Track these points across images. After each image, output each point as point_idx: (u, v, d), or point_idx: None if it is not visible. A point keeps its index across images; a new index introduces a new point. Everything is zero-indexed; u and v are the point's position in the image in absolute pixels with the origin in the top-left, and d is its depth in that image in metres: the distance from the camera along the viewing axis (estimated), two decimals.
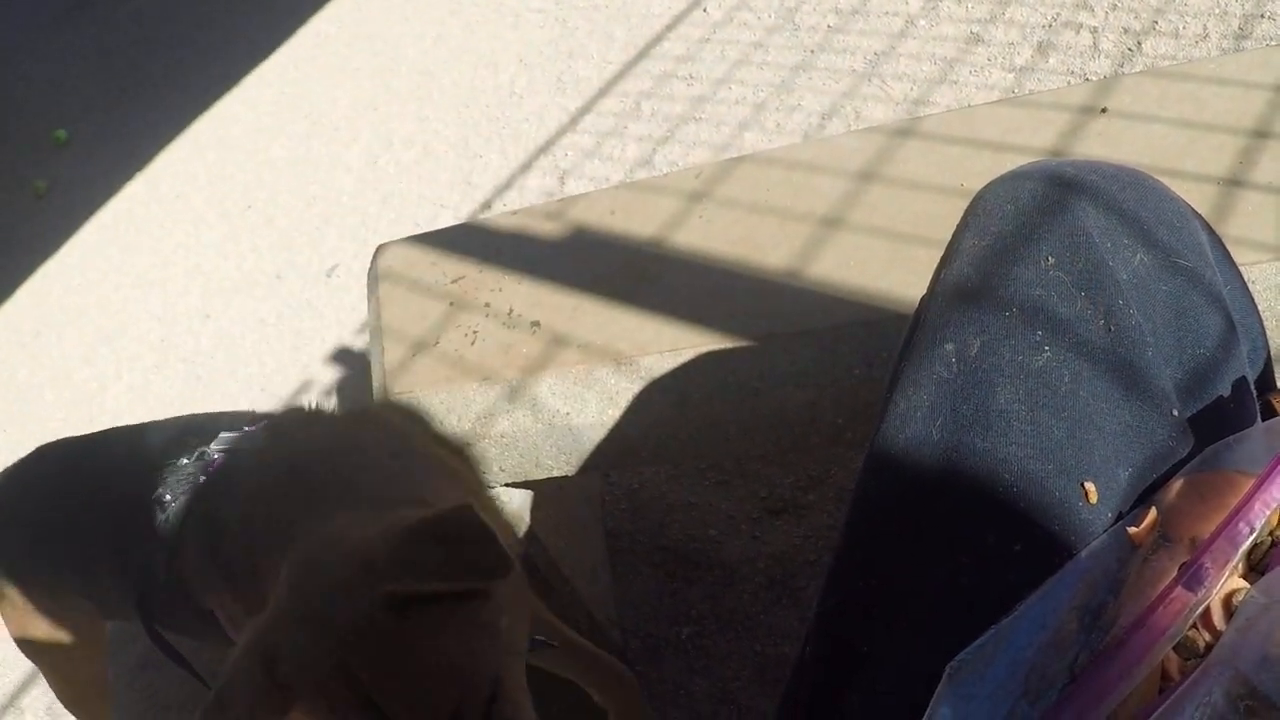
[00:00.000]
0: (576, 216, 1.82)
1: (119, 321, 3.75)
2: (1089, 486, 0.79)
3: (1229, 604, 0.70)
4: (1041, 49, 2.87)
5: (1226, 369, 0.87)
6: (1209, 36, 2.67)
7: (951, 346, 0.85)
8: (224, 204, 4.02)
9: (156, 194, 4.24)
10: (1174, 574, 0.71)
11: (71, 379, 3.62)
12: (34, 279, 4.14)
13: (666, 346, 1.54)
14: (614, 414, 1.57)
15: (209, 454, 1.49)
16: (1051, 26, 2.92)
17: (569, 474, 1.68)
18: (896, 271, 1.48)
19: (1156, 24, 2.77)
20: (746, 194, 1.71)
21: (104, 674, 2.02)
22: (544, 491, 1.88)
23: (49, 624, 1.81)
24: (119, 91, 4.93)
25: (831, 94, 3.09)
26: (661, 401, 1.54)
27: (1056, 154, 1.51)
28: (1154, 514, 0.76)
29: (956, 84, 2.92)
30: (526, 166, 3.46)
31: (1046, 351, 0.82)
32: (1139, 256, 0.86)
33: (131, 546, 1.53)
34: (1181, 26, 2.73)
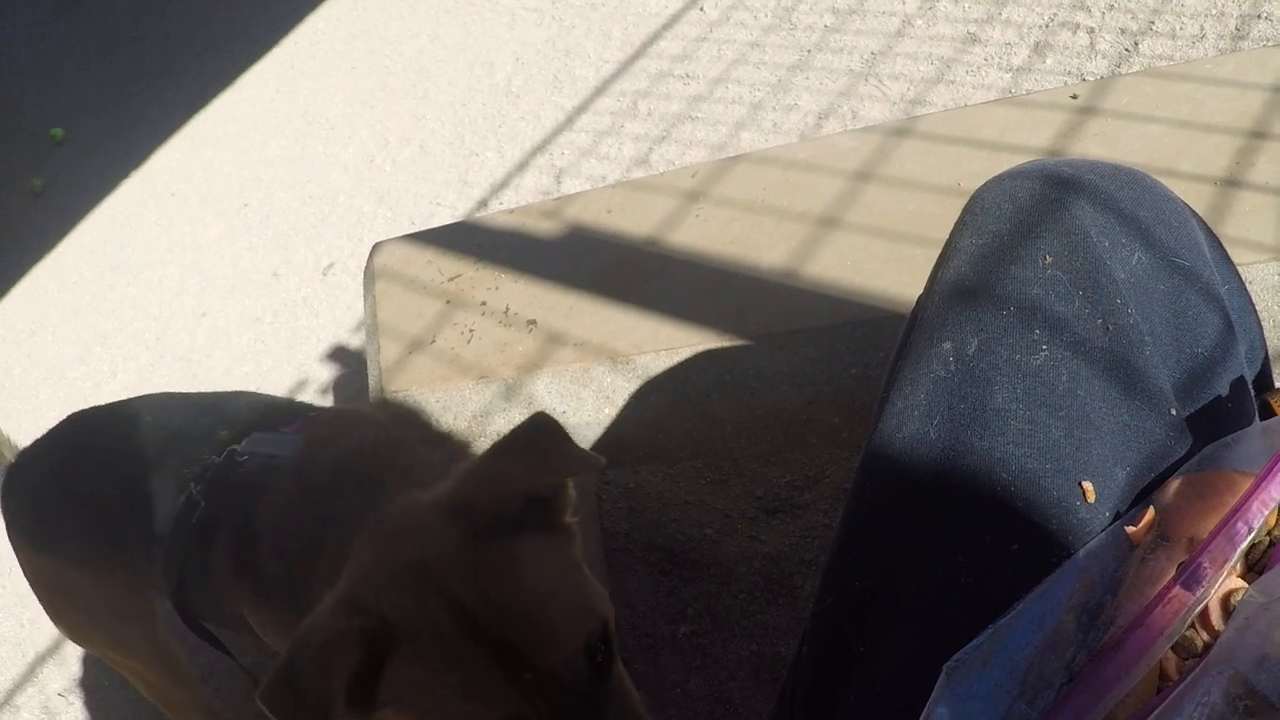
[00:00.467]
0: (573, 215, 1.82)
1: (115, 319, 3.74)
2: (1087, 485, 0.79)
3: (1227, 604, 0.70)
4: (1038, 49, 2.87)
5: (1224, 368, 0.87)
6: (1206, 37, 2.67)
7: (949, 345, 0.85)
8: (220, 202, 4.01)
9: (153, 192, 4.24)
10: (1172, 573, 0.71)
11: (67, 377, 3.61)
12: (30, 277, 4.14)
13: (663, 345, 1.54)
14: (610, 412, 1.57)
15: (239, 454, 1.46)
16: (1048, 27, 2.92)
17: None
18: (893, 271, 1.48)
19: (1153, 24, 2.77)
20: (743, 193, 1.71)
21: (167, 648, 1.93)
22: None
23: (88, 600, 1.78)
24: (115, 90, 4.92)
25: (828, 94, 3.09)
26: (658, 400, 1.54)
27: (1053, 154, 1.51)
28: (1152, 513, 0.76)
29: (953, 84, 2.91)
30: (523, 165, 3.46)
31: (1044, 350, 0.82)
32: (1137, 256, 0.86)
33: (161, 531, 1.52)
34: (1178, 27, 2.73)
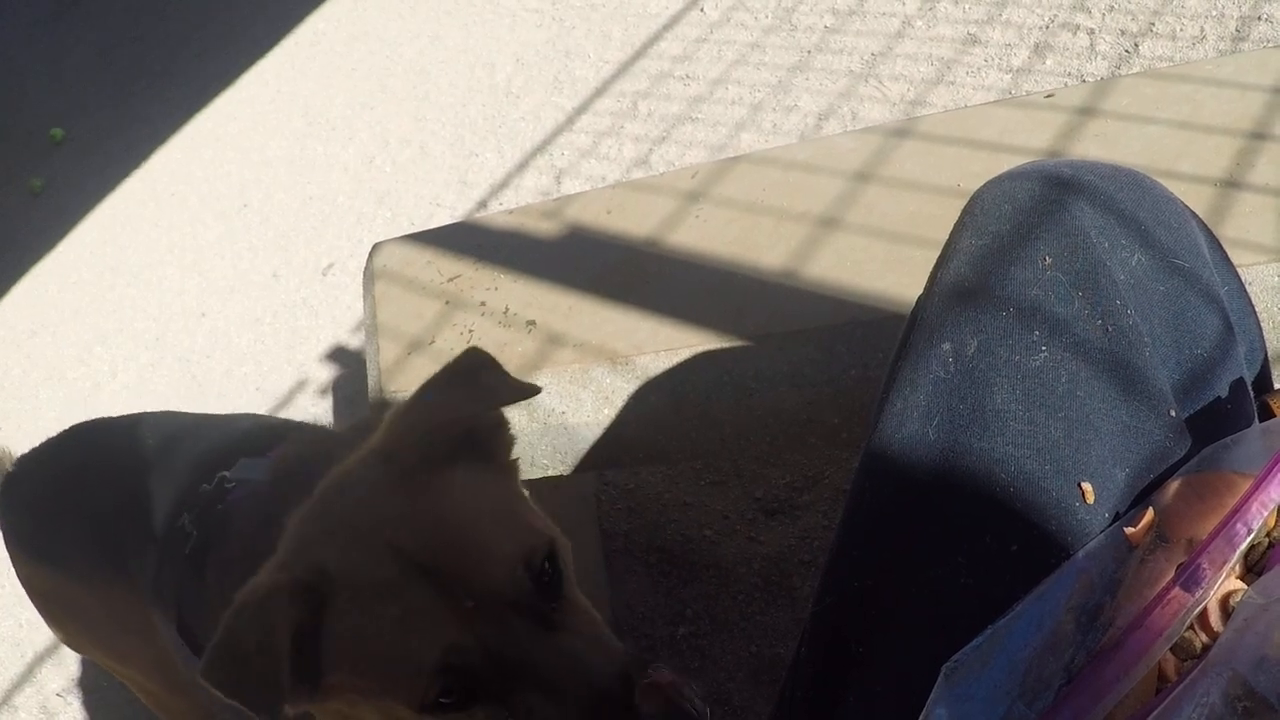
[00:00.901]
0: (573, 216, 1.82)
1: (115, 320, 3.74)
2: (1086, 486, 0.79)
3: (1226, 605, 0.70)
4: (1038, 50, 2.87)
5: (1224, 369, 0.87)
6: (1206, 38, 2.67)
7: (949, 346, 0.85)
8: (220, 203, 4.01)
9: (153, 192, 4.24)
10: (1171, 575, 0.71)
11: (67, 377, 3.61)
12: (30, 277, 4.14)
13: (662, 346, 1.54)
14: (609, 413, 1.56)
15: (228, 481, 1.46)
16: (1048, 28, 2.92)
17: (564, 473, 1.67)
18: (893, 272, 1.48)
19: (1153, 26, 2.77)
20: (743, 194, 1.71)
21: (166, 656, 1.92)
22: (539, 491, 1.87)
23: (86, 611, 1.78)
24: (115, 90, 4.92)
25: (828, 94, 3.09)
26: (657, 401, 1.54)
27: (1053, 155, 1.51)
28: (1151, 514, 0.76)
29: (953, 85, 2.92)
30: (523, 166, 3.46)
31: (1044, 351, 0.82)
32: (1137, 257, 0.86)
33: (158, 558, 1.51)
34: (1178, 28, 2.73)
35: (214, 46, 4.90)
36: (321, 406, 3.04)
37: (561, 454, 1.64)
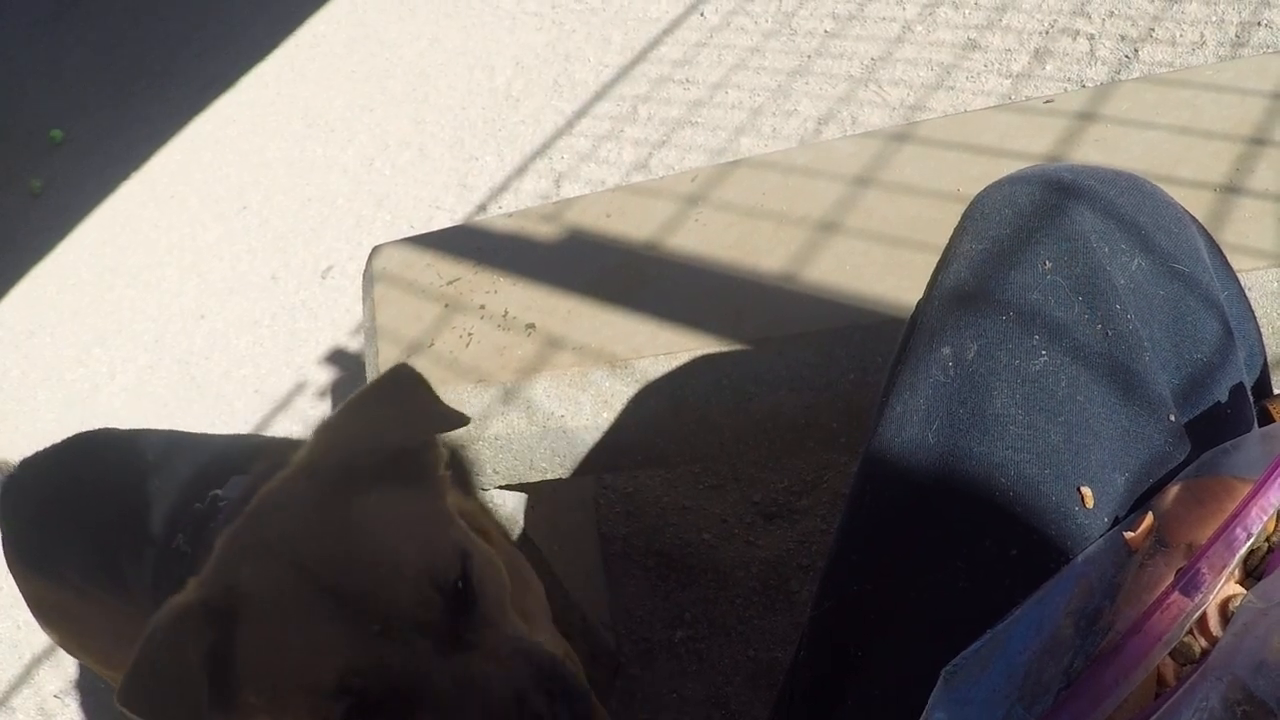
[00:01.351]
0: (572, 219, 1.82)
1: (113, 321, 3.74)
2: (1085, 491, 0.78)
3: (1225, 610, 0.70)
4: (1038, 55, 2.87)
5: (1223, 374, 0.87)
6: (1206, 44, 2.67)
7: (948, 350, 0.84)
8: (219, 204, 4.02)
9: (152, 194, 4.24)
10: (1170, 579, 0.71)
11: (65, 379, 3.61)
12: (28, 278, 4.14)
13: (661, 350, 1.54)
14: (608, 417, 1.56)
15: (220, 499, 1.46)
16: (1048, 33, 2.92)
17: (563, 477, 1.67)
18: (892, 276, 1.47)
19: (1153, 31, 2.77)
20: (742, 198, 1.71)
21: None
22: (538, 494, 1.88)
23: (82, 620, 1.78)
24: (115, 91, 4.93)
25: (828, 99, 3.09)
26: (656, 405, 1.54)
27: (1053, 159, 1.51)
28: (1150, 519, 0.76)
29: (953, 90, 2.92)
30: (522, 169, 3.46)
31: (1043, 356, 0.82)
32: (1136, 261, 0.86)
33: (155, 576, 1.51)
34: (1178, 34, 2.73)
35: (214, 48, 4.91)
36: (320, 409, 3.04)
37: (560, 457, 1.64)
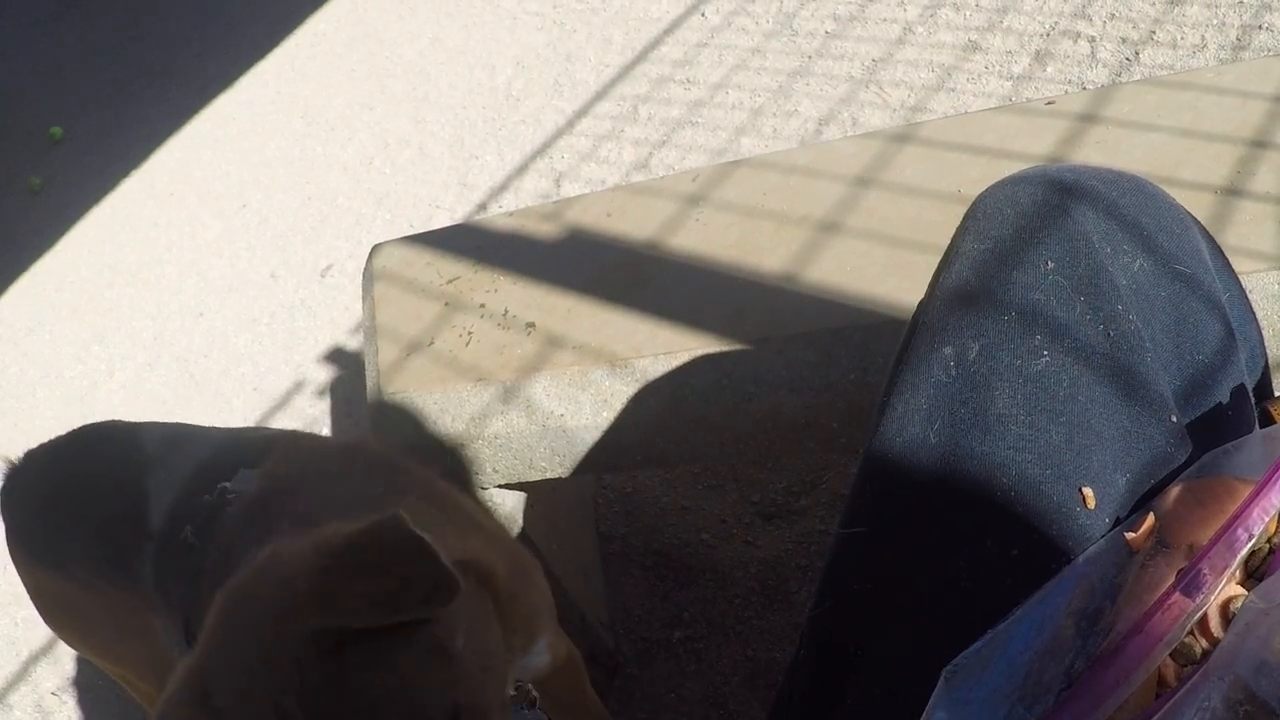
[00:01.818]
0: (573, 218, 1.82)
1: (112, 319, 3.74)
2: (1087, 492, 0.78)
3: (1226, 611, 0.70)
4: (1039, 57, 2.87)
5: (1225, 376, 0.87)
6: (1207, 47, 2.67)
7: (950, 350, 0.84)
8: (219, 202, 4.01)
9: (151, 192, 4.23)
10: (1171, 580, 0.71)
11: (63, 376, 3.61)
12: (28, 275, 4.13)
13: (661, 349, 1.54)
14: (608, 416, 1.56)
15: (229, 492, 1.45)
16: (1049, 35, 2.92)
17: (562, 476, 1.67)
18: (893, 277, 1.47)
19: (1154, 34, 2.77)
20: (743, 198, 1.71)
21: (164, 659, 1.91)
22: (537, 493, 1.88)
23: (87, 613, 1.78)
24: (115, 89, 4.92)
25: (829, 100, 3.09)
26: (656, 404, 1.54)
27: (1054, 161, 1.51)
28: (1152, 520, 0.76)
29: (954, 91, 2.92)
30: (522, 168, 3.46)
31: (1045, 356, 0.82)
32: (1139, 262, 0.86)
33: (162, 570, 1.51)
34: (1179, 37, 2.73)
35: (214, 47, 4.90)
36: (319, 408, 3.04)
37: (560, 456, 1.64)
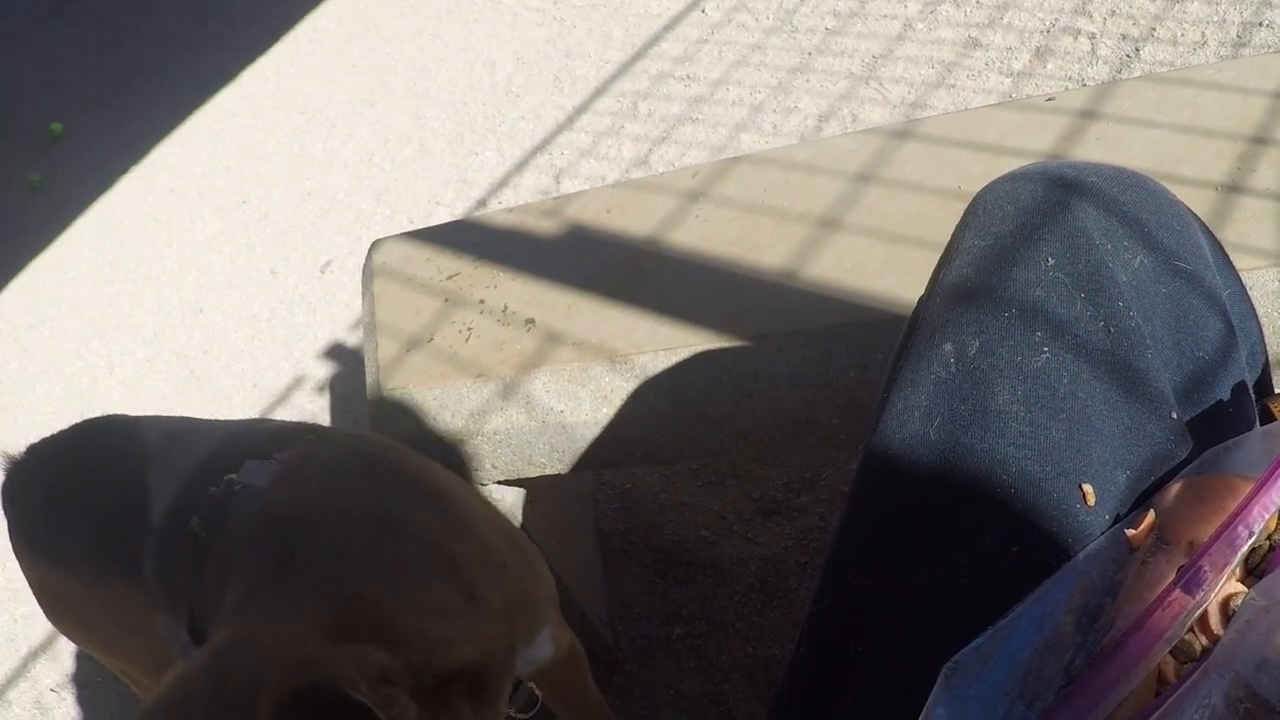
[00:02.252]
0: (572, 214, 1.82)
1: (112, 315, 3.74)
2: (1087, 488, 0.78)
3: (1226, 608, 0.70)
4: (1039, 54, 2.87)
5: (1225, 373, 0.87)
6: (1207, 44, 2.67)
7: (950, 346, 0.84)
8: (219, 199, 4.01)
9: (151, 188, 4.24)
10: (1172, 577, 0.71)
11: (63, 372, 3.61)
12: (28, 271, 4.14)
13: (661, 345, 1.53)
14: (608, 412, 1.56)
15: (235, 484, 1.45)
16: (1050, 32, 2.92)
17: (562, 472, 1.67)
18: (893, 273, 1.47)
19: (1155, 30, 2.77)
20: (743, 194, 1.71)
21: (164, 653, 1.92)
22: (536, 489, 1.88)
23: (89, 608, 1.77)
24: (114, 85, 4.92)
25: (829, 96, 3.09)
26: (655, 400, 1.54)
27: (1055, 157, 1.51)
28: (1152, 516, 0.76)
29: (954, 88, 2.92)
30: (522, 164, 3.45)
31: (1045, 352, 0.82)
32: (1139, 259, 0.86)
33: (166, 562, 1.51)
34: (1180, 33, 2.73)
35: (214, 43, 4.90)
36: (319, 404, 3.04)
37: (559, 452, 1.64)
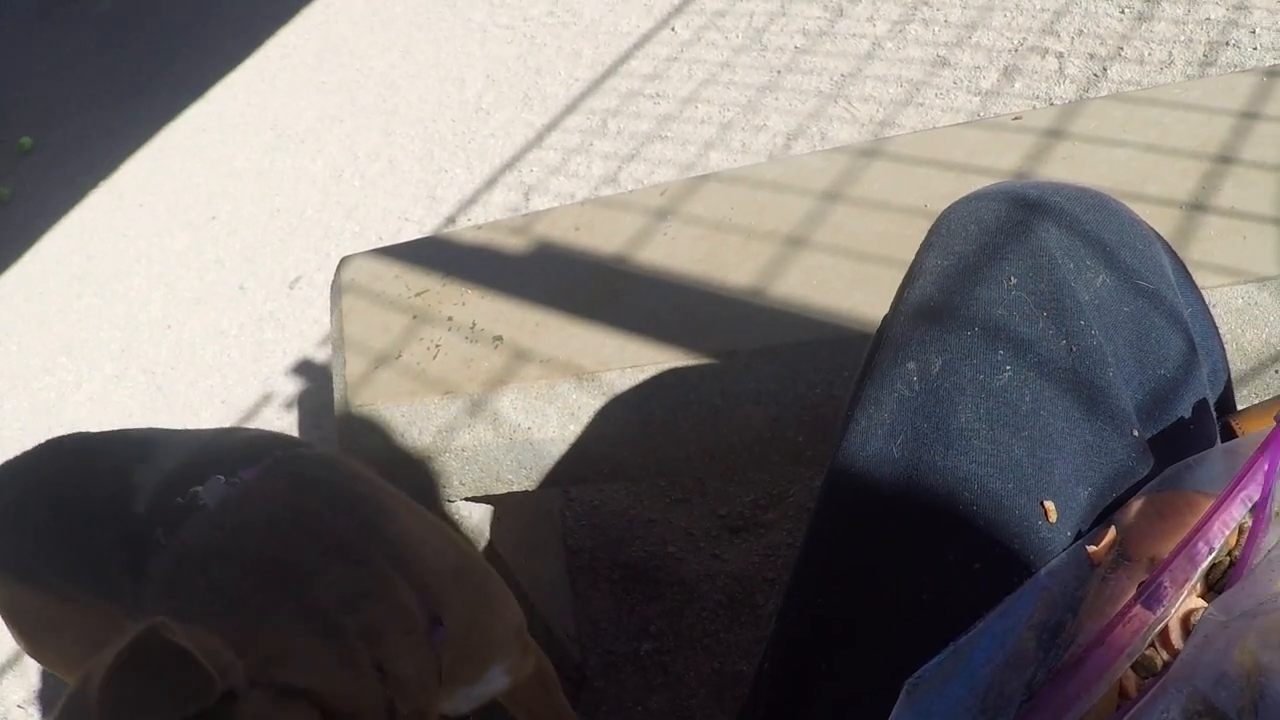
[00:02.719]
0: (541, 232, 1.82)
1: (80, 330, 3.72)
2: (1049, 505, 0.79)
3: (1187, 623, 0.70)
4: (1007, 73, 2.89)
5: (1187, 390, 0.87)
6: (1174, 63, 2.69)
7: (913, 365, 0.85)
8: (188, 214, 4.00)
9: (120, 203, 4.22)
10: (1133, 593, 0.71)
11: (31, 387, 3.58)
12: None
13: (629, 363, 1.54)
14: (575, 429, 1.56)
15: (200, 497, 1.44)
16: (1017, 51, 2.94)
17: (529, 489, 1.67)
18: (859, 291, 1.48)
19: (1122, 50, 2.79)
20: (711, 212, 1.71)
21: None
22: (504, 506, 1.87)
23: (59, 628, 1.75)
24: (85, 99, 4.90)
25: (798, 114, 3.10)
26: (623, 418, 1.54)
27: (1021, 176, 1.52)
28: (1113, 533, 0.76)
29: (922, 106, 2.93)
30: (492, 182, 3.45)
31: (1008, 371, 0.82)
32: (1101, 278, 0.87)
33: (134, 575, 1.50)
34: (1147, 53, 2.75)
35: (184, 59, 4.89)
36: (287, 420, 3.03)
37: (526, 469, 1.63)
